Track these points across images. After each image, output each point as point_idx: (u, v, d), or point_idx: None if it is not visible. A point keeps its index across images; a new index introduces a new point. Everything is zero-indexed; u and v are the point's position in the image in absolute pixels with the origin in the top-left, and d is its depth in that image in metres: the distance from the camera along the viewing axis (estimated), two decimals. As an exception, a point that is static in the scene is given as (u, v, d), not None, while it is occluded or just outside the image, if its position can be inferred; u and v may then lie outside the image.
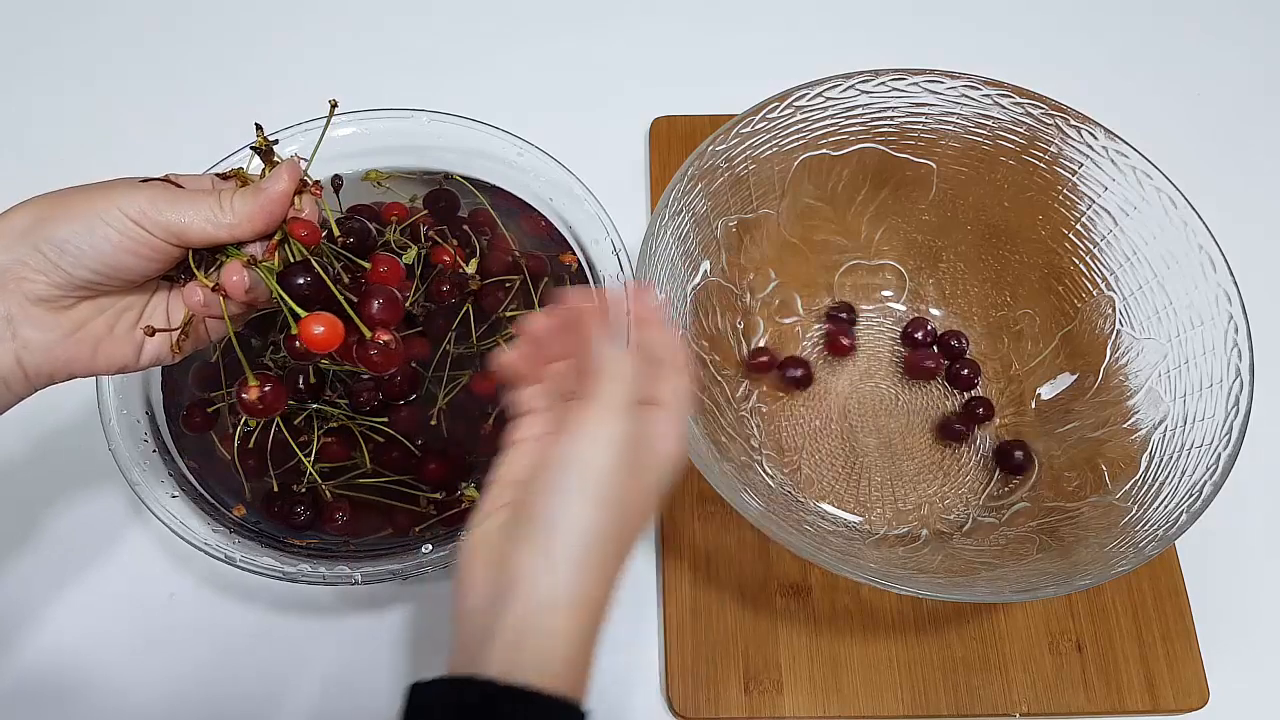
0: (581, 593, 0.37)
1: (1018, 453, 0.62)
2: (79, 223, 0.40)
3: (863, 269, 0.70)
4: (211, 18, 0.85)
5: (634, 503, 0.39)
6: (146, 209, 0.40)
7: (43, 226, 0.40)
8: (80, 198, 0.41)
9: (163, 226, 0.41)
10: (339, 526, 0.58)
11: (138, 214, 0.40)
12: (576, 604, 0.37)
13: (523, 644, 0.37)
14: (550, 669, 0.37)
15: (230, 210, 0.41)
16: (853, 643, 0.59)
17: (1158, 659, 0.59)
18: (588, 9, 0.87)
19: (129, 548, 0.62)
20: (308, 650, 0.59)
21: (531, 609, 0.37)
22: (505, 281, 0.63)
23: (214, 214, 0.41)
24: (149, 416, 0.60)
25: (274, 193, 0.42)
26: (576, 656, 0.38)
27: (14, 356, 0.41)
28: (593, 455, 0.38)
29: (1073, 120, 0.59)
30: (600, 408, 0.39)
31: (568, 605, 0.37)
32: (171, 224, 0.41)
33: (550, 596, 0.37)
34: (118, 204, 0.40)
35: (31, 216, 0.40)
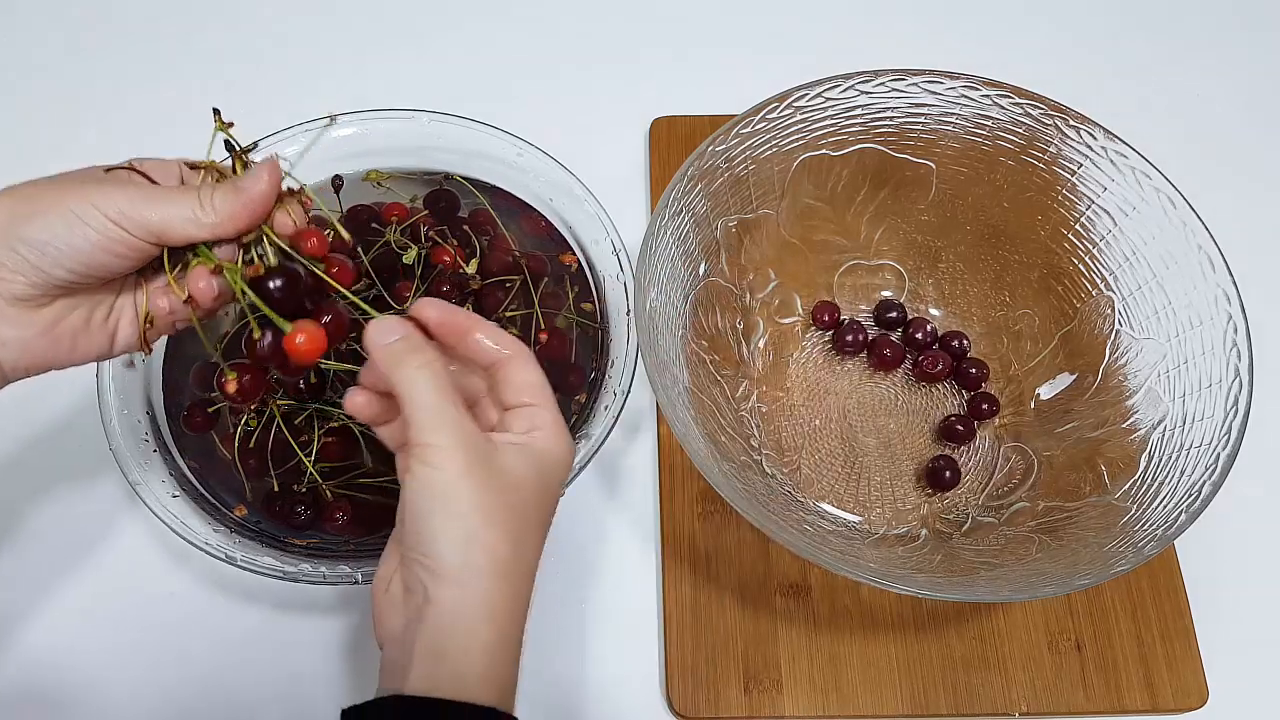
0: (481, 600, 0.38)
1: (948, 472, 0.63)
2: (56, 222, 0.39)
3: (862, 269, 0.70)
4: (211, 17, 0.85)
5: (506, 510, 0.39)
6: (125, 208, 0.39)
7: (17, 225, 0.39)
8: (53, 194, 0.39)
9: (142, 226, 0.40)
10: (339, 526, 0.58)
11: (116, 214, 0.39)
12: (482, 611, 0.38)
13: (439, 660, 0.38)
14: (470, 680, 0.37)
15: (211, 209, 0.40)
16: (852, 642, 0.59)
17: (1157, 658, 0.59)
18: (588, 9, 0.87)
19: (129, 547, 0.62)
20: (308, 650, 0.60)
21: (440, 625, 0.38)
22: (505, 281, 0.63)
23: (195, 213, 0.40)
24: (149, 416, 0.60)
25: (256, 193, 0.41)
26: (497, 667, 0.38)
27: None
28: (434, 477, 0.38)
29: (1072, 120, 0.59)
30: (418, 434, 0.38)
31: (476, 617, 0.38)
32: (152, 224, 0.40)
33: (454, 609, 0.38)
34: (94, 202, 0.39)
35: (3, 214, 0.39)
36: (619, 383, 0.60)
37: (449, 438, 0.38)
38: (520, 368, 0.42)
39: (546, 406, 0.42)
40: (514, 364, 0.42)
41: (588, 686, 0.59)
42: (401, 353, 0.40)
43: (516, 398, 0.42)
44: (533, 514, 0.41)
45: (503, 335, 0.43)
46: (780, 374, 0.68)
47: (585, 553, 0.63)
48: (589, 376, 0.62)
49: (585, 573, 0.62)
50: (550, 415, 0.42)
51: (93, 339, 0.43)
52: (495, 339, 0.42)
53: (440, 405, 0.39)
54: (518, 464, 0.40)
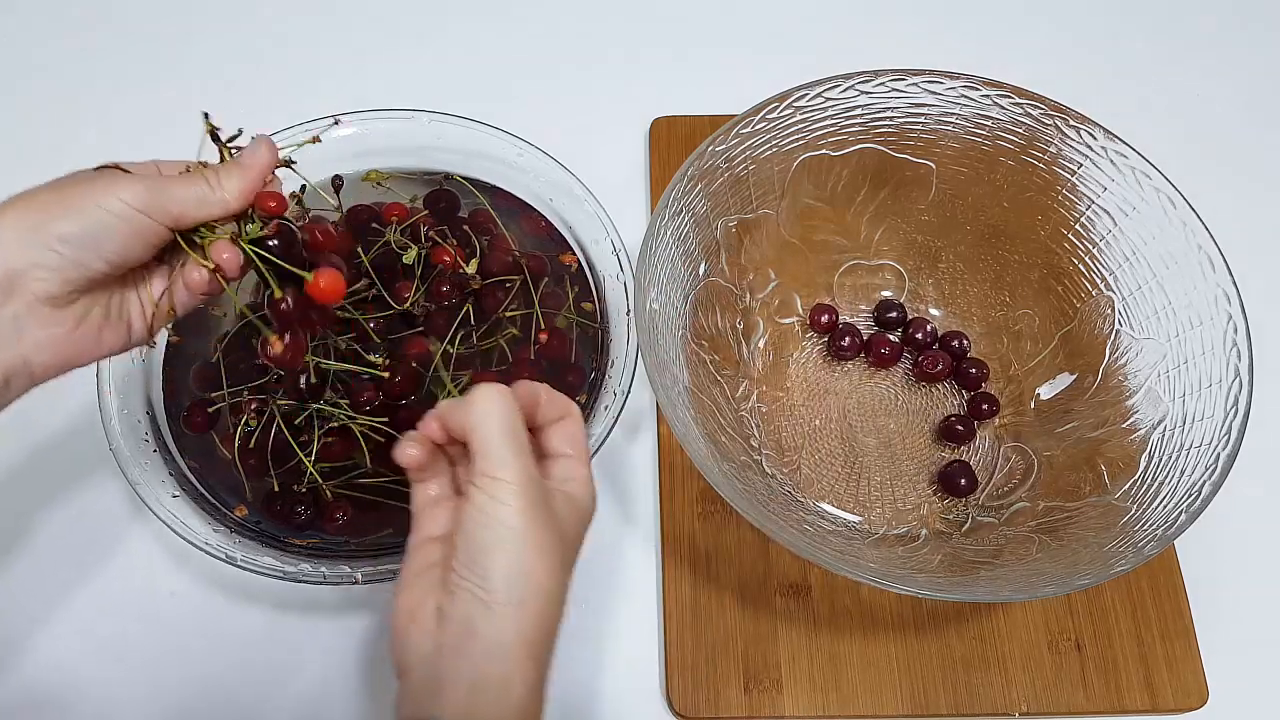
0: (528, 637, 0.39)
1: (962, 479, 0.63)
2: (89, 216, 0.41)
3: (862, 269, 0.70)
4: (211, 17, 0.85)
5: (555, 550, 0.41)
6: (146, 196, 0.42)
7: (49, 225, 0.40)
8: (75, 191, 0.41)
9: (163, 211, 0.42)
10: (339, 526, 0.58)
11: (140, 204, 0.41)
12: (526, 647, 0.39)
13: (480, 691, 0.38)
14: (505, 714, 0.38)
15: (221, 187, 0.44)
16: (852, 642, 0.59)
17: (1157, 658, 0.59)
18: (588, 9, 0.87)
19: (129, 547, 0.62)
20: (308, 650, 0.60)
21: (484, 654, 0.38)
22: (505, 281, 0.63)
23: (207, 193, 0.43)
24: (149, 416, 0.60)
25: (260, 165, 0.44)
26: (531, 705, 0.39)
27: (21, 358, 0.42)
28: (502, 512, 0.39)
29: (1072, 120, 0.59)
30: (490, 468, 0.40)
31: (518, 650, 0.39)
32: (172, 209, 0.42)
33: (500, 641, 0.39)
34: (119, 195, 0.41)
35: (30, 217, 0.40)
36: (619, 383, 0.60)
37: (517, 475, 0.40)
38: (573, 424, 0.45)
39: (584, 458, 0.45)
40: (570, 422, 0.45)
41: (587, 686, 0.59)
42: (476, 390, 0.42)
43: (560, 449, 0.45)
44: (568, 557, 0.43)
45: (561, 397, 0.46)
46: (780, 374, 0.68)
47: (585, 553, 0.63)
48: (589, 376, 0.62)
49: (585, 573, 0.61)
50: (585, 471, 0.45)
51: (113, 331, 0.45)
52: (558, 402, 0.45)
53: (513, 441, 0.41)
54: (564, 508, 0.43)
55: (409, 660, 0.40)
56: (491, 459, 0.40)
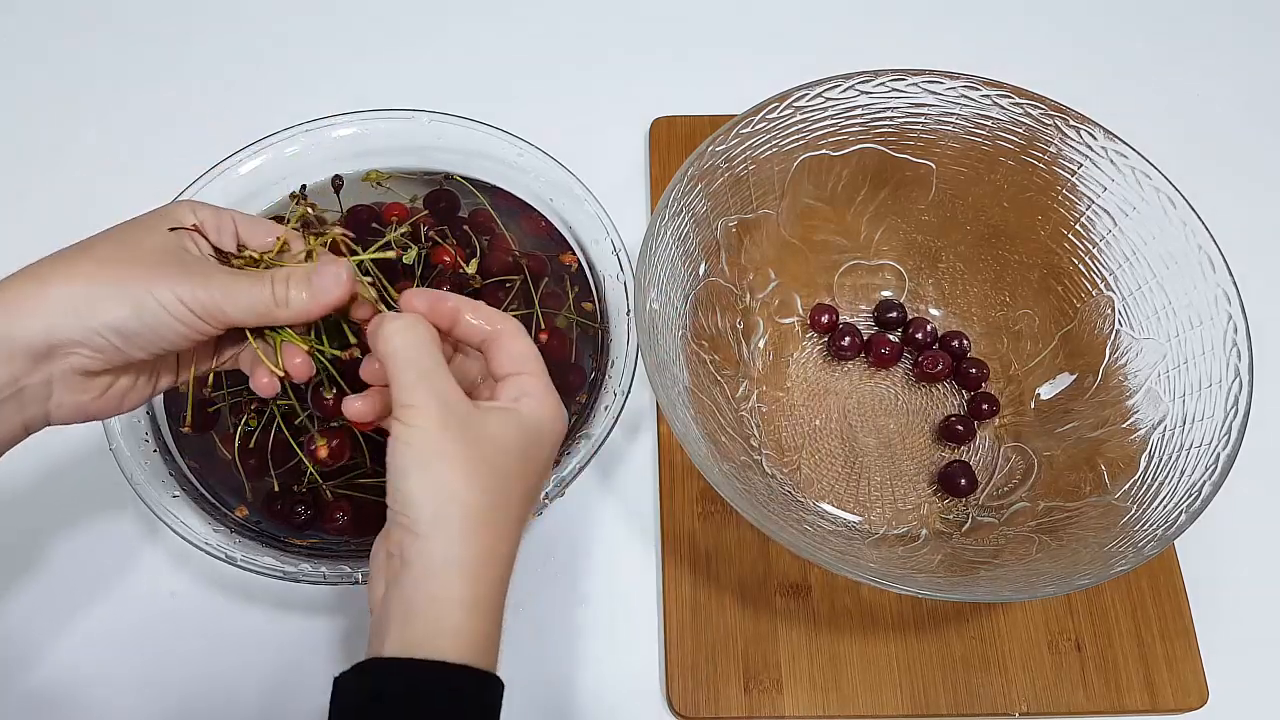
0: (458, 556, 0.38)
1: (963, 480, 0.63)
2: (143, 312, 0.40)
3: (862, 269, 0.70)
4: (211, 17, 0.85)
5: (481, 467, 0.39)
6: (203, 298, 0.40)
7: (100, 309, 0.39)
8: (136, 278, 0.40)
9: (216, 317, 0.41)
10: (339, 526, 0.58)
11: (194, 303, 0.40)
12: (455, 567, 0.38)
13: (411, 618, 0.38)
14: (443, 638, 0.38)
15: (286, 305, 0.42)
16: (852, 642, 0.59)
17: (1157, 658, 0.59)
18: (588, 9, 0.87)
19: (129, 547, 0.62)
20: (308, 650, 0.60)
21: (412, 582, 0.38)
22: (505, 281, 0.63)
23: (269, 308, 0.42)
24: (149, 416, 0.60)
25: (330, 301, 0.42)
26: (472, 622, 0.38)
27: (45, 413, 0.42)
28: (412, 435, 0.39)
29: (1072, 120, 0.59)
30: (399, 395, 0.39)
31: (447, 571, 0.38)
32: (228, 315, 0.41)
33: (427, 565, 0.38)
34: (179, 295, 0.40)
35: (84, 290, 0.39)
36: (619, 383, 0.59)
37: (426, 396, 0.39)
38: (510, 340, 0.43)
39: (535, 375, 0.43)
40: (504, 337, 0.43)
41: (588, 686, 0.59)
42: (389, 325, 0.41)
43: (506, 368, 0.43)
44: (515, 475, 0.41)
45: (492, 312, 0.44)
46: (780, 374, 0.68)
47: (585, 552, 0.63)
48: (589, 376, 0.62)
49: (585, 573, 0.62)
50: (538, 382, 0.43)
51: (138, 394, 0.45)
52: (484, 317, 0.43)
53: (419, 367, 0.40)
54: (501, 426, 0.41)
55: (372, 602, 0.41)
56: (400, 386, 0.39)
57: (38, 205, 0.74)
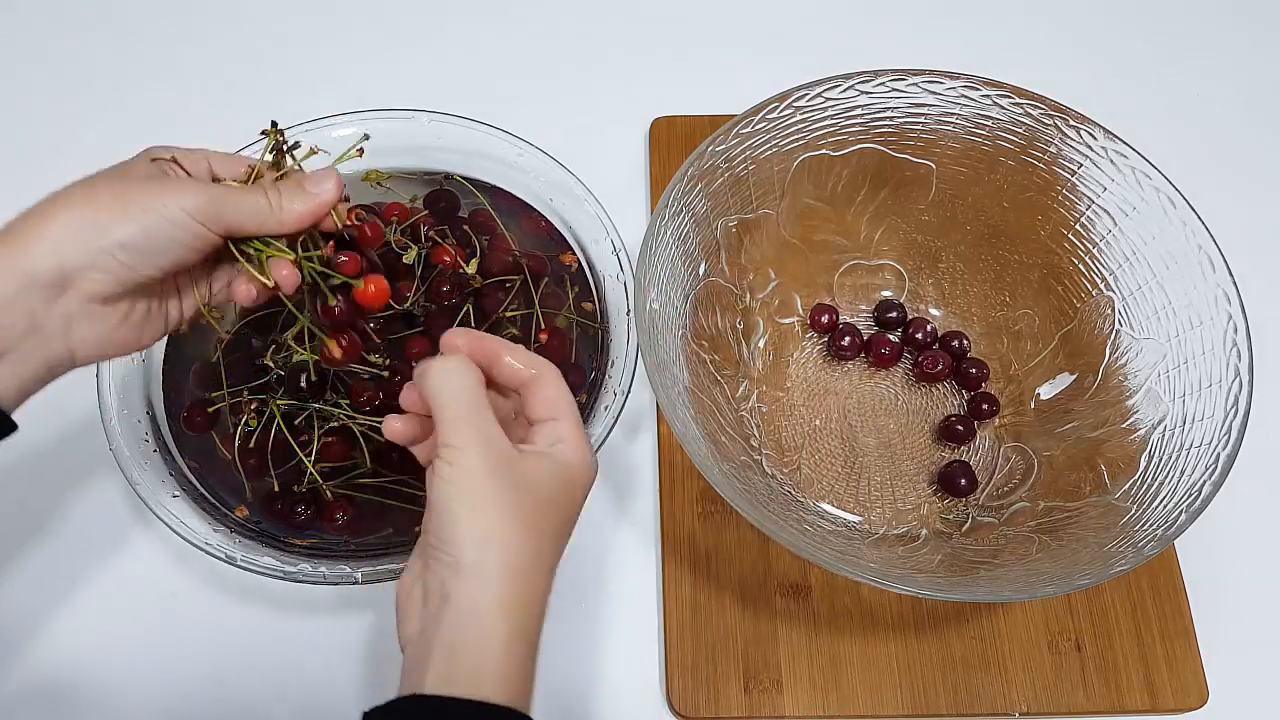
0: (500, 598, 0.39)
1: (963, 480, 0.63)
2: (147, 224, 0.41)
3: (862, 269, 0.70)
4: (211, 17, 0.85)
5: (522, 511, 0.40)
6: (206, 208, 0.42)
7: (110, 230, 0.40)
8: (136, 193, 0.41)
9: (221, 223, 0.43)
10: (339, 526, 0.58)
11: (200, 212, 0.42)
12: (497, 607, 0.39)
13: (456, 657, 0.38)
14: (486, 678, 0.38)
15: (281, 209, 0.44)
16: (852, 642, 0.59)
17: (1157, 658, 0.59)
18: (588, 9, 0.87)
19: (129, 547, 0.62)
20: (308, 650, 0.60)
21: (454, 620, 0.39)
22: (506, 281, 0.63)
23: (267, 213, 0.44)
24: (149, 416, 0.60)
25: (325, 199, 0.45)
26: (513, 665, 0.39)
27: (68, 350, 0.43)
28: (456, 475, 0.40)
29: (1072, 120, 0.59)
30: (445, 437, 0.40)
31: (488, 609, 0.39)
32: (230, 222, 0.43)
33: (471, 606, 0.39)
34: (182, 205, 0.41)
35: (90, 216, 0.40)
36: (619, 383, 0.60)
37: (473, 439, 0.40)
38: (546, 384, 0.44)
39: (569, 421, 0.44)
40: (540, 381, 0.44)
41: (588, 686, 0.59)
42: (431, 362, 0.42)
43: (541, 413, 0.44)
44: (551, 519, 0.42)
45: (530, 356, 0.44)
46: (780, 374, 0.68)
47: (585, 552, 0.63)
48: (589, 376, 0.62)
49: (585, 572, 0.62)
50: (572, 429, 0.43)
51: (154, 323, 0.46)
52: (523, 360, 0.44)
53: (467, 408, 0.41)
54: (539, 470, 0.42)
55: (405, 639, 0.41)
56: (446, 427, 0.40)
57: (38, 205, 0.74)
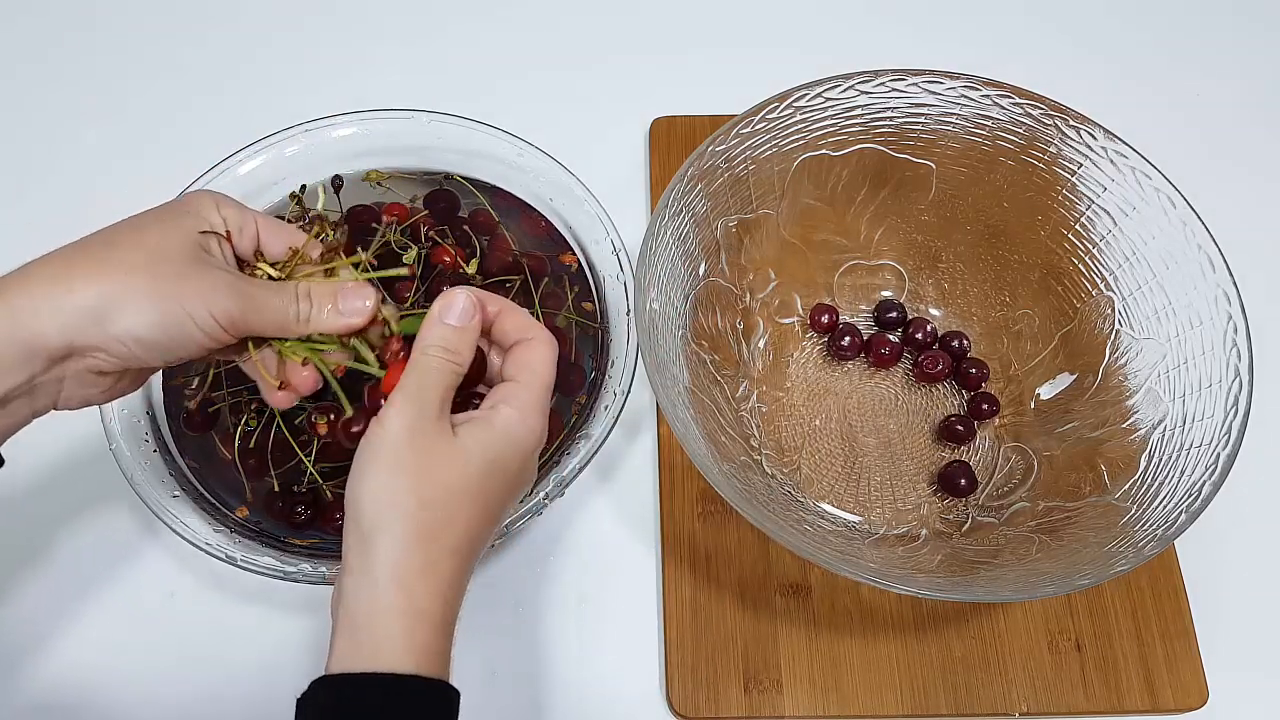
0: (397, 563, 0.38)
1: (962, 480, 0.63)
2: (169, 323, 0.39)
3: (862, 269, 0.70)
4: (211, 17, 0.85)
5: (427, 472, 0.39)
6: (234, 314, 0.40)
7: (128, 318, 0.38)
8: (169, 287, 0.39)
9: (244, 330, 0.41)
10: (339, 526, 0.57)
11: (225, 319, 0.40)
12: (393, 577, 0.37)
13: (354, 630, 0.37)
14: (386, 649, 0.37)
15: (307, 323, 0.43)
16: (853, 642, 0.59)
17: (1157, 658, 0.59)
18: (588, 9, 0.87)
19: (129, 547, 0.62)
20: (308, 650, 0.59)
21: (353, 589, 0.38)
22: (506, 281, 0.63)
23: (290, 325, 0.42)
24: (149, 416, 0.60)
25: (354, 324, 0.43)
26: (415, 633, 0.38)
27: (52, 404, 0.42)
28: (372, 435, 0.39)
29: (1072, 120, 0.59)
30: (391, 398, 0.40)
31: (386, 580, 0.37)
32: (253, 329, 0.42)
33: (367, 574, 0.38)
34: (207, 305, 0.39)
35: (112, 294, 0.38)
36: (619, 383, 0.60)
37: (407, 402, 0.39)
38: (530, 349, 0.43)
39: (528, 387, 0.42)
40: (527, 345, 0.43)
41: (588, 686, 0.59)
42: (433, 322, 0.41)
43: (509, 373, 0.43)
44: (469, 490, 0.40)
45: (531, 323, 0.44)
46: (780, 374, 0.68)
47: (585, 553, 0.63)
48: (589, 376, 0.62)
49: (585, 573, 0.62)
50: (527, 396, 0.42)
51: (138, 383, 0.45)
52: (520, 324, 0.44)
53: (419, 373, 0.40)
54: (469, 439, 0.40)
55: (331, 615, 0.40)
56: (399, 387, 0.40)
57: (38, 205, 0.74)
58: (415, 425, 0.39)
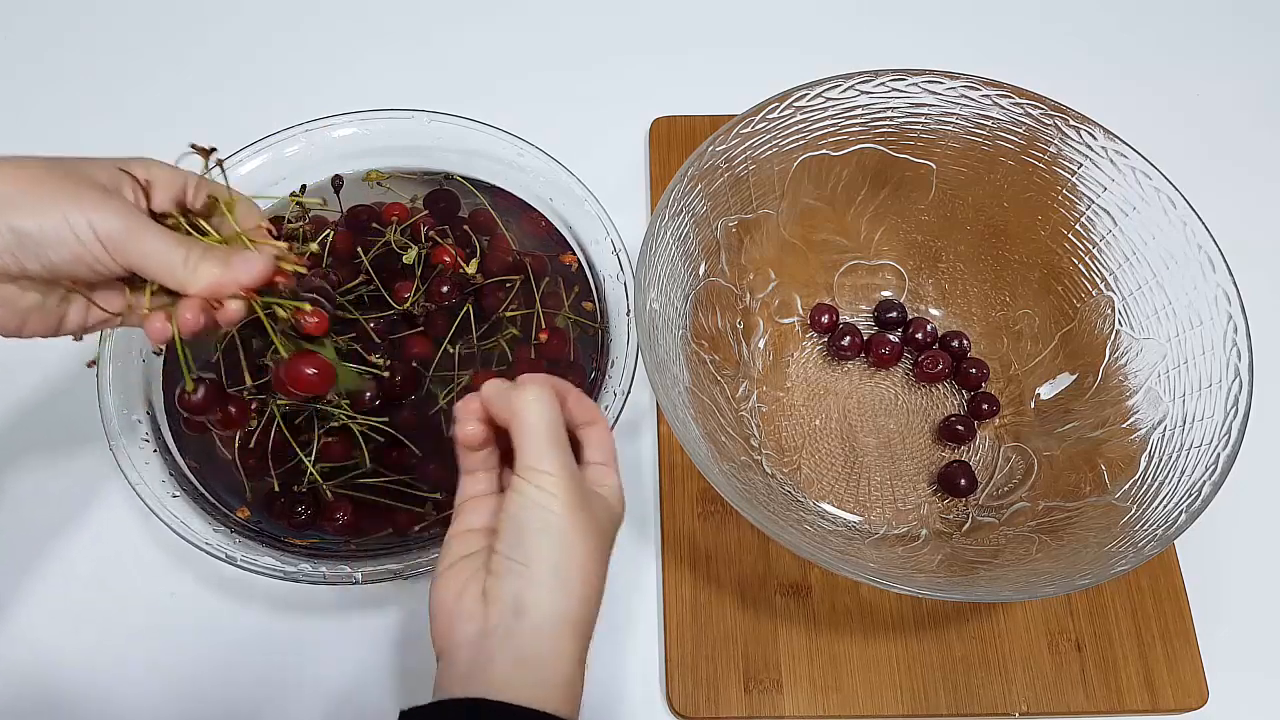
0: (572, 615, 0.40)
1: (962, 480, 0.63)
2: (45, 221, 0.40)
3: (862, 269, 0.70)
4: (210, 18, 0.85)
5: (594, 537, 0.42)
6: (115, 234, 0.41)
7: (8, 211, 0.39)
8: (48, 191, 0.40)
9: (124, 256, 0.41)
10: (339, 526, 0.58)
11: (105, 235, 0.41)
12: (570, 625, 0.40)
13: (526, 667, 0.39)
14: (551, 688, 0.39)
15: (191, 273, 0.43)
16: (852, 642, 0.59)
17: (1157, 658, 0.59)
18: (588, 9, 0.87)
19: (129, 547, 0.62)
20: (308, 650, 0.60)
21: (533, 635, 0.40)
22: (506, 281, 0.63)
23: (176, 269, 0.42)
24: (149, 416, 0.60)
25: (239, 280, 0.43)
26: (576, 682, 0.41)
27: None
28: (547, 500, 0.41)
29: (1072, 120, 0.59)
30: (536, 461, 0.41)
31: (563, 625, 0.40)
32: (133, 259, 0.42)
33: (549, 622, 0.40)
34: (88, 215, 0.40)
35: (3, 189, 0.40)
36: (619, 383, 0.60)
37: (561, 467, 0.41)
38: (603, 433, 0.47)
39: (614, 467, 0.46)
40: (600, 427, 0.47)
41: (588, 686, 0.59)
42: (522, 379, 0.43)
43: (597, 457, 0.46)
44: (607, 551, 0.44)
45: (591, 405, 0.47)
46: (780, 374, 0.68)
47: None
48: (589, 376, 0.62)
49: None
50: (617, 477, 0.46)
51: (43, 319, 0.44)
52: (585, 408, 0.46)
53: (555, 435, 0.42)
54: (602, 508, 0.44)
55: (455, 642, 0.41)
56: (534, 447, 0.41)
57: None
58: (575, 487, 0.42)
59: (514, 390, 0.43)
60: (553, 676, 0.40)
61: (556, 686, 0.40)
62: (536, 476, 0.41)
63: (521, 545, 0.41)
